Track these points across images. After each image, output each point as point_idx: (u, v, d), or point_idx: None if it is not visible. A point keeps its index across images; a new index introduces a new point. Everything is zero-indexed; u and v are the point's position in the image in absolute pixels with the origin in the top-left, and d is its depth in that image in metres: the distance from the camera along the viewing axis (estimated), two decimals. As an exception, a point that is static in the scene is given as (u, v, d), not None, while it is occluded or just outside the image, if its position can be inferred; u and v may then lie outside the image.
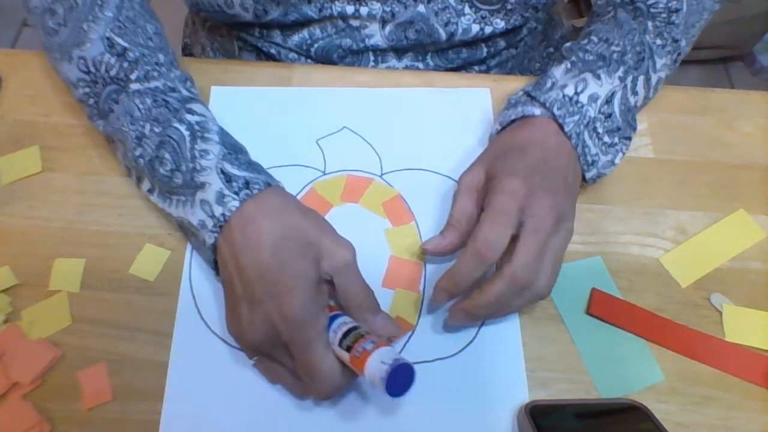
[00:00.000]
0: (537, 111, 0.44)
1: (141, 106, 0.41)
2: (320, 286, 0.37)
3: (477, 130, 0.50)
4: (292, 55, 0.57)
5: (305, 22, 0.54)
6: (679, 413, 0.40)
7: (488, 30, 0.54)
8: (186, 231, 0.43)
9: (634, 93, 0.46)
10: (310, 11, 0.51)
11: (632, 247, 0.46)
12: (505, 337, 0.42)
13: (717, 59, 1.51)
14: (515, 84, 0.53)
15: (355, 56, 0.57)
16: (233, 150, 0.41)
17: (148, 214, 0.45)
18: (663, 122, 0.52)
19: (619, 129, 0.45)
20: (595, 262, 0.45)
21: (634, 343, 0.42)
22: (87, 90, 0.43)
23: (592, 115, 0.44)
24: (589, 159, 0.44)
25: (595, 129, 0.44)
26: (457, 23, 0.53)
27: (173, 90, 0.43)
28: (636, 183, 0.49)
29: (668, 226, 0.47)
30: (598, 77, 0.44)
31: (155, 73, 0.43)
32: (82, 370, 0.39)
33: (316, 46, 0.56)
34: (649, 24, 0.47)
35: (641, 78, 0.46)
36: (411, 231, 0.46)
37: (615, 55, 0.45)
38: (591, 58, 0.45)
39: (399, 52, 0.57)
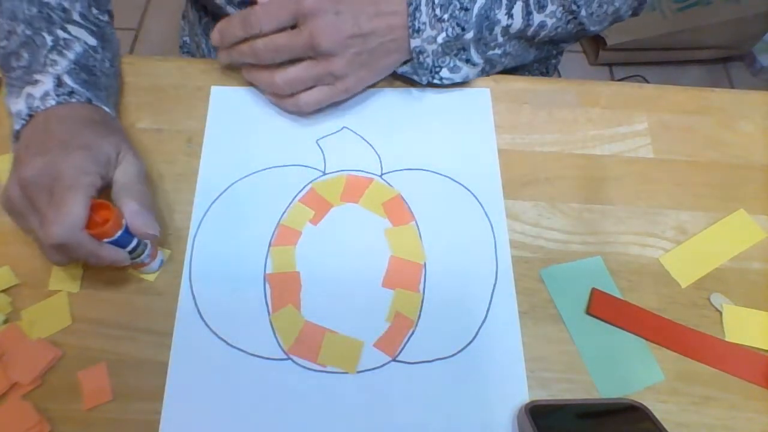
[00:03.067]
0: None
1: (26, 11, 0.45)
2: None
3: (477, 130, 0.50)
4: None
5: None
6: (679, 413, 0.40)
7: None
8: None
9: (510, 15, 0.46)
10: None
11: (632, 247, 0.46)
12: (505, 337, 0.42)
13: (717, 59, 1.51)
14: (515, 84, 0.53)
15: None
16: (84, 71, 0.44)
17: (148, 214, 0.45)
18: (663, 122, 0.52)
19: (466, 10, 0.45)
20: (595, 262, 0.45)
21: (634, 343, 0.42)
22: None
23: None
24: (417, 25, 0.45)
25: None
26: None
27: (64, 11, 0.46)
28: (636, 183, 0.49)
29: (668, 226, 0.47)
30: None
31: None
32: (82, 370, 0.40)
33: None
34: None
35: (519, 3, 0.46)
36: (411, 231, 0.46)
37: None
38: None
39: None
